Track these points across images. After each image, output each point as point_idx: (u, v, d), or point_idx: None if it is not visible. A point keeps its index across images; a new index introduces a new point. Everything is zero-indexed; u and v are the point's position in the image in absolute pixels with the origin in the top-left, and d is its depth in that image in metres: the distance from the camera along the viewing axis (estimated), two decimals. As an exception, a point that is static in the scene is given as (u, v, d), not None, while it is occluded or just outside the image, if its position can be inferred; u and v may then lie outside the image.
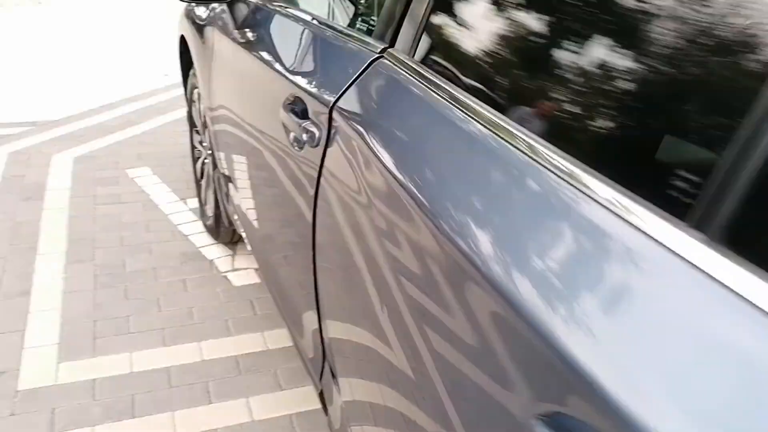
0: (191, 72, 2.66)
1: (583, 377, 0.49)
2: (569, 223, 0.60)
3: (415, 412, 0.82)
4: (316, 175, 1.17)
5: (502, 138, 0.75)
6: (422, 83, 0.95)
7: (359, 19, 1.33)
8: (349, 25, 1.30)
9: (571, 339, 0.52)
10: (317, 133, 1.16)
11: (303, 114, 1.24)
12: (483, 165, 0.74)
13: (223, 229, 2.60)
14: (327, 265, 1.16)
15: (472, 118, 0.81)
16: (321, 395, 1.31)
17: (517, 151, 0.72)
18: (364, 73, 1.09)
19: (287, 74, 1.34)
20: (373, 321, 0.96)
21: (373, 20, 1.22)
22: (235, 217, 2.17)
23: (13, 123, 3.90)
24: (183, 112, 4.28)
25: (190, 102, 2.80)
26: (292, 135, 1.30)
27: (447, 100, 0.88)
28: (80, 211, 2.94)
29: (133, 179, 3.29)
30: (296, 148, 1.26)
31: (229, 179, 2.16)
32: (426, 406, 0.79)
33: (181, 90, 4.68)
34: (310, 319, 1.36)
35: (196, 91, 2.65)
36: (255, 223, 1.80)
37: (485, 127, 0.78)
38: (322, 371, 1.30)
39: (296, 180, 1.30)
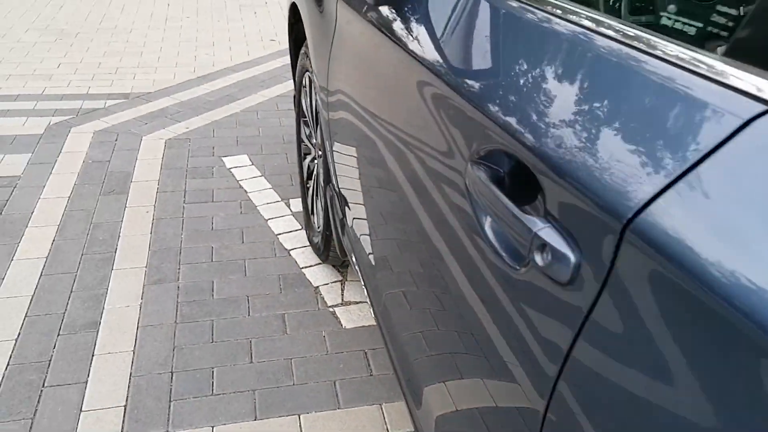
0: (302, 50, 2.10)
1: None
2: None
3: None
4: (569, 321, 0.57)
5: None
6: None
7: (692, 26, 0.69)
8: (657, 27, 0.68)
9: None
10: (572, 259, 0.55)
11: (523, 192, 0.64)
12: None
13: (333, 253, 2.06)
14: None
15: None
16: None
17: None
18: (725, 148, 0.47)
19: (491, 107, 0.72)
20: None
21: (726, 25, 0.59)
22: (353, 258, 1.61)
23: (103, 94, 3.51)
24: (290, 85, 3.77)
25: (299, 87, 2.25)
26: (489, 222, 0.70)
27: None
28: (167, 211, 2.48)
29: (230, 170, 2.80)
30: (507, 260, 0.65)
31: (347, 204, 1.59)
32: None
33: (289, 58, 4.17)
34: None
35: (307, 75, 2.09)
36: (390, 300, 1.22)
37: None
38: None
39: (497, 298, 0.70)
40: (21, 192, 2.55)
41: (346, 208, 1.60)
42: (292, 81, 3.76)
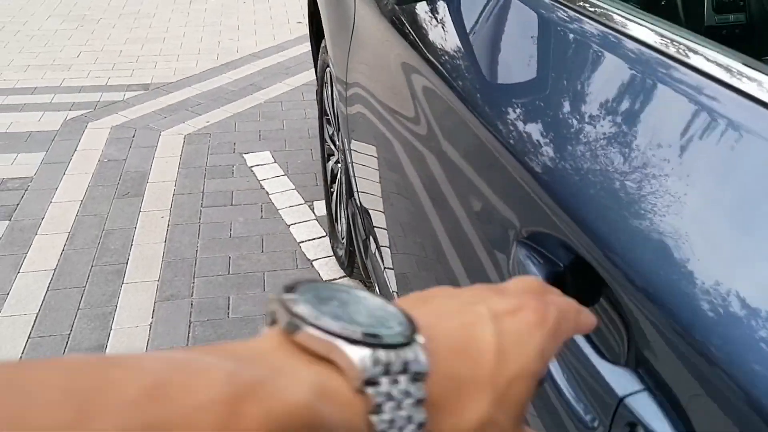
0: (323, 44, 1.90)
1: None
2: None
3: None
4: None
5: None
6: None
7: None
8: None
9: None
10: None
11: (598, 312, 0.43)
12: None
13: (358, 270, 1.87)
14: None
15: None
16: None
17: None
18: None
19: (548, 174, 0.52)
20: None
21: None
22: (377, 288, 1.42)
23: (122, 86, 3.36)
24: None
25: (321, 82, 2.05)
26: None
27: None
28: (183, 216, 2.33)
29: (251, 168, 2.63)
30: (572, 406, 0.45)
31: (371, 221, 1.40)
32: None
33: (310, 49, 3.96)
34: None
35: (328, 70, 1.89)
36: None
37: None
38: None
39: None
40: (32, 195, 2.42)
41: (370, 233, 1.40)
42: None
